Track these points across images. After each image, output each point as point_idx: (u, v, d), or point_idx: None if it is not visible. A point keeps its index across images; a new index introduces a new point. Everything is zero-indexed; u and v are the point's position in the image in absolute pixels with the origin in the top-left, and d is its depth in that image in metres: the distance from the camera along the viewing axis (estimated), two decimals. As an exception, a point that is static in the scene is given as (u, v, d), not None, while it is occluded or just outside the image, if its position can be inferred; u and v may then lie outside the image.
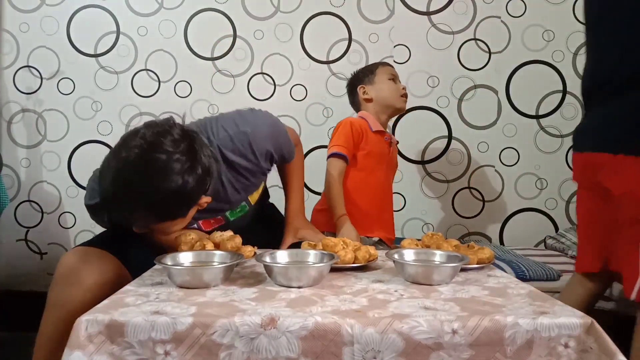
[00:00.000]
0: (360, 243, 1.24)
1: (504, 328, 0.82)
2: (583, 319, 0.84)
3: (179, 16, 2.30)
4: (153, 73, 2.31)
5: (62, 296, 1.19)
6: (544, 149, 2.35)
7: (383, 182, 1.85)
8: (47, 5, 2.29)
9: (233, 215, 1.44)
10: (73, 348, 0.80)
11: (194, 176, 1.07)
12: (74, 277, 1.22)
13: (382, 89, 1.89)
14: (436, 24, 2.30)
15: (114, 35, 2.30)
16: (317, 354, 0.80)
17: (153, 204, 1.06)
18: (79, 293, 1.18)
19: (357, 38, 2.30)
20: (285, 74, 2.32)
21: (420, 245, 1.27)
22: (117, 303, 0.89)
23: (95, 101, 2.31)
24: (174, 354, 0.80)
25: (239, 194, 1.38)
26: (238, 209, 1.44)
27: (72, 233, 2.35)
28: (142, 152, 1.04)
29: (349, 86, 1.94)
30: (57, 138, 2.32)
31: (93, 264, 1.23)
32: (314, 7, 2.30)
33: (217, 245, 1.18)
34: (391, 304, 0.91)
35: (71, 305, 1.16)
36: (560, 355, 0.83)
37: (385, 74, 1.90)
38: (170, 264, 1.04)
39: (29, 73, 2.30)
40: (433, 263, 1.13)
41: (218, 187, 1.31)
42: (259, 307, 0.87)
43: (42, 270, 2.33)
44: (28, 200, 2.33)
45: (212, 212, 1.37)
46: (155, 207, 1.07)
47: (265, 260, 1.05)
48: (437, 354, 0.81)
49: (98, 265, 1.22)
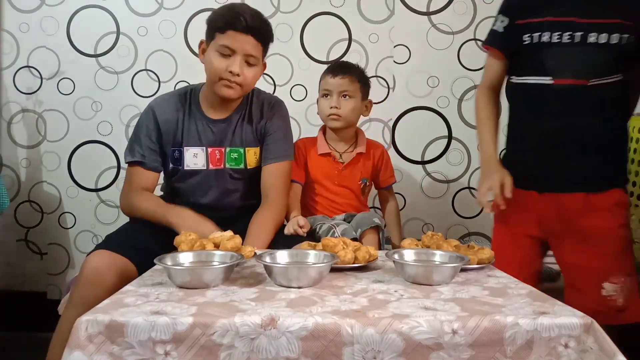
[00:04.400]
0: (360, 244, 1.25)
1: (504, 328, 0.83)
2: (583, 319, 0.84)
3: (179, 16, 2.29)
4: (153, 73, 2.31)
5: (87, 296, 1.21)
6: (544, 149, 2.35)
7: (338, 201, 1.82)
8: (47, 5, 2.28)
9: (230, 160, 1.61)
10: (73, 348, 0.80)
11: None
12: (100, 279, 1.26)
13: (319, 104, 1.83)
14: (436, 24, 2.30)
15: (114, 35, 2.30)
16: (317, 354, 0.80)
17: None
18: (104, 295, 1.20)
19: (357, 38, 2.30)
20: (285, 74, 2.32)
21: (420, 245, 1.27)
22: (117, 303, 0.89)
23: (95, 101, 2.31)
24: (174, 354, 0.80)
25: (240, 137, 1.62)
26: (235, 154, 1.60)
27: (72, 233, 2.35)
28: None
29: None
30: (57, 138, 2.32)
31: (118, 269, 1.29)
32: (314, 7, 2.30)
33: (217, 245, 1.18)
34: (391, 304, 0.91)
35: (94, 306, 1.20)
36: (560, 355, 0.83)
37: (321, 87, 1.82)
38: (170, 264, 1.04)
39: (29, 73, 2.30)
40: (433, 263, 1.13)
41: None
42: (259, 307, 0.87)
43: (42, 270, 2.33)
44: (28, 200, 2.33)
45: (220, 132, 1.61)
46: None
47: (265, 261, 1.05)
48: (437, 354, 0.81)
49: (121, 271, 1.29)
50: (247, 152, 1.62)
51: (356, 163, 1.84)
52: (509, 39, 1.40)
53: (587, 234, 1.37)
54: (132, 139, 1.62)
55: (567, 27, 1.32)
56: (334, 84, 1.77)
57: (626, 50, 1.31)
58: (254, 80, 1.56)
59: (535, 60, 1.36)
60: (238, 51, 1.49)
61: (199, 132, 1.60)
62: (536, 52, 1.35)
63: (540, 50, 1.35)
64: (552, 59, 1.33)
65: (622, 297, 1.34)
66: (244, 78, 1.50)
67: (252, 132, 1.62)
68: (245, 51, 1.49)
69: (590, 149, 1.35)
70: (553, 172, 1.39)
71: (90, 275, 1.28)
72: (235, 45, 1.48)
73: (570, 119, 1.34)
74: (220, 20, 1.50)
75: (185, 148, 1.59)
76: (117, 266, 1.30)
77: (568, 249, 1.42)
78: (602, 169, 1.38)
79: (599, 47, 1.30)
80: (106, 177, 2.33)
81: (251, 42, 1.50)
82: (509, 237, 1.49)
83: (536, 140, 1.40)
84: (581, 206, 1.37)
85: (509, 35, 1.40)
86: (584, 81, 1.32)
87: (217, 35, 1.50)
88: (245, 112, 1.63)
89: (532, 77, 1.37)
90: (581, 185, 1.37)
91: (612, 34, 1.29)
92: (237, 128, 1.62)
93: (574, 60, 1.32)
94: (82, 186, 2.33)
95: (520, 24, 1.38)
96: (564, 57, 1.32)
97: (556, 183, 1.39)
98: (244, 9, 1.53)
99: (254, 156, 1.63)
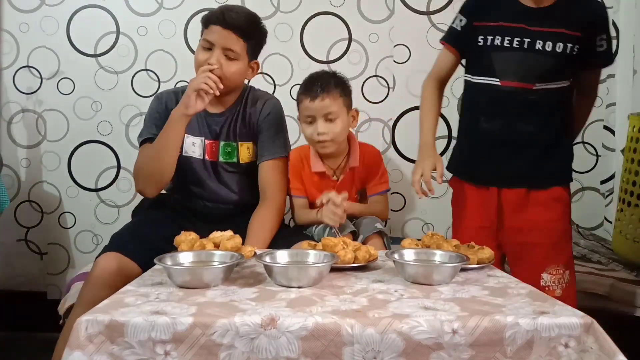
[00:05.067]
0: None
1: (504, 328, 0.83)
2: (583, 319, 0.84)
3: (179, 16, 2.29)
4: (153, 73, 2.31)
5: (97, 297, 1.21)
6: (544, 149, 2.35)
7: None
8: (47, 5, 2.28)
9: (224, 154, 1.65)
10: (73, 348, 0.80)
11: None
12: (110, 281, 1.29)
13: (303, 129, 1.76)
14: (436, 24, 2.30)
15: (114, 35, 2.30)
16: (317, 354, 0.80)
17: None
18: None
19: (357, 38, 2.30)
20: (285, 74, 2.31)
21: (420, 245, 1.28)
22: (117, 303, 0.89)
23: (95, 101, 2.31)
24: (174, 354, 0.80)
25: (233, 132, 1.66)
26: (228, 148, 1.64)
27: (72, 233, 2.35)
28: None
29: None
30: (57, 138, 2.31)
31: (127, 272, 1.32)
32: (314, 7, 2.29)
33: (217, 245, 1.18)
34: (391, 304, 0.91)
35: None
36: (560, 355, 0.83)
37: (302, 112, 1.74)
38: (170, 264, 1.04)
39: (29, 73, 2.30)
40: (433, 263, 1.13)
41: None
42: (259, 307, 0.87)
43: (42, 270, 2.33)
44: (28, 200, 2.33)
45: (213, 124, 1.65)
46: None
47: (265, 260, 1.05)
48: (437, 354, 0.81)
49: (131, 274, 1.30)
50: (240, 146, 1.66)
51: (351, 178, 1.80)
52: (465, 38, 1.48)
53: (524, 227, 1.45)
54: (143, 126, 1.68)
55: (517, 33, 1.39)
56: (316, 109, 1.68)
57: (571, 58, 1.38)
58: (235, 75, 1.59)
59: (486, 62, 1.43)
60: (217, 44, 1.54)
61: (198, 123, 1.65)
62: (488, 53, 1.42)
63: (491, 52, 1.42)
64: (501, 62, 1.40)
65: (559, 288, 1.42)
66: (222, 71, 1.53)
67: (246, 127, 1.66)
68: (224, 45, 1.54)
69: (533, 148, 1.42)
70: (497, 168, 1.47)
71: (101, 276, 1.31)
72: (214, 39, 1.54)
73: (514, 120, 1.41)
74: (208, 17, 1.58)
75: (186, 135, 1.63)
76: (127, 268, 1.34)
77: (509, 241, 1.49)
78: (544, 168, 1.44)
79: (545, 54, 1.37)
80: (106, 177, 2.33)
81: (231, 37, 1.54)
82: (464, 230, 1.54)
83: (482, 137, 1.47)
84: (522, 201, 1.45)
85: (466, 34, 1.48)
86: (530, 85, 1.39)
87: (204, 31, 1.58)
88: (240, 108, 1.67)
89: (482, 77, 1.45)
90: (523, 181, 1.45)
91: (557, 42, 1.37)
92: (232, 123, 1.66)
93: (521, 65, 1.39)
94: (82, 186, 2.33)
95: (477, 26, 1.45)
96: (512, 61, 1.40)
97: (500, 178, 1.47)
98: (233, 7, 1.62)
99: (246, 151, 1.67)
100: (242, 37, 1.56)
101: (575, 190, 2.35)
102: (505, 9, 1.42)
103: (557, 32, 1.37)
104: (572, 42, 1.37)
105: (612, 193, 2.31)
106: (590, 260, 1.90)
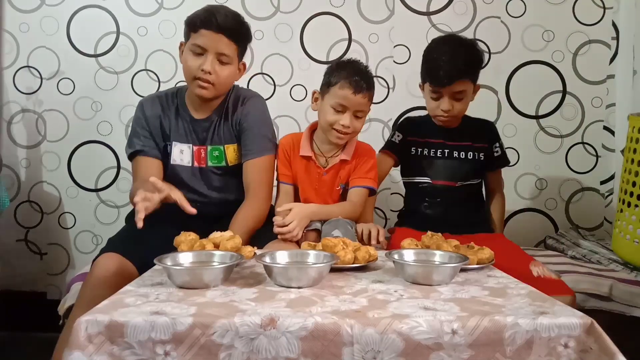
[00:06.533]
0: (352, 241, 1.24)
1: (504, 328, 0.83)
2: (583, 319, 0.84)
3: (179, 16, 2.27)
4: (153, 73, 2.31)
5: (97, 297, 1.21)
6: (544, 149, 2.35)
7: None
8: (47, 5, 2.28)
9: (212, 158, 1.65)
10: (73, 348, 0.80)
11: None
12: (111, 281, 1.28)
13: (325, 112, 1.67)
14: (436, 24, 2.30)
15: (114, 35, 2.30)
16: (317, 354, 0.80)
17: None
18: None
19: (357, 38, 2.30)
20: (285, 74, 2.31)
21: (420, 245, 1.28)
22: (117, 303, 0.89)
23: (95, 101, 2.31)
24: (173, 355, 0.80)
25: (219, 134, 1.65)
26: (216, 152, 1.65)
27: (72, 233, 2.35)
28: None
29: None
30: (57, 138, 2.31)
31: (127, 273, 1.32)
32: (314, 7, 2.29)
33: (217, 245, 1.18)
34: (391, 304, 0.91)
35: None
36: (560, 355, 0.83)
37: (335, 98, 1.64)
38: (170, 264, 1.04)
39: (29, 73, 2.30)
40: (433, 263, 1.14)
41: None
42: (259, 308, 0.87)
43: (42, 270, 2.33)
44: (28, 200, 2.33)
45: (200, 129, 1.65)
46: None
47: (265, 261, 1.05)
48: (437, 354, 0.81)
49: (130, 275, 1.30)
50: (226, 149, 1.66)
51: (338, 169, 1.74)
52: (402, 149, 1.90)
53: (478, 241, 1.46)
54: (129, 136, 1.68)
55: (439, 146, 1.85)
56: (354, 102, 1.63)
57: (480, 163, 1.86)
58: (228, 79, 1.59)
59: (419, 166, 1.86)
60: (210, 50, 1.53)
61: (185, 130, 1.65)
62: (420, 160, 1.86)
63: (422, 159, 1.86)
64: (430, 167, 1.85)
65: (553, 273, 1.51)
66: (216, 76, 1.54)
67: (229, 128, 1.66)
68: (217, 49, 1.53)
69: (461, 227, 1.73)
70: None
71: (100, 276, 1.31)
72: (206, 44, 1.52)
73: (445, 208, 1.83)
74: (195, 20, 1.56)
75: (174, 143, 1.64)
76: (126, 269, 1.34)
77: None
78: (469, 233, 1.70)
79: (461, 160, 1.84)
80: (106, 177, 2.33)
81: (223, 41, 1.54)
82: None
83: (421, 219, 1.82)
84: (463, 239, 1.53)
85: (402, 146, 1.89)
86: (453, 183, 1.84)
87: (191, 35, 1.56)
88: (224, 110, 1.66)
89: (417, 177, 1.87)
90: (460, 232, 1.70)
91: (469, 152, 1.84)
92: (217, 127, 1.66)
93: (446, 169, 1.83)
94: (82, 186, 2.33)
95: (410, 140, 1.88)
96: (438, 166, 1.84)
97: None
98: (219, 9, 1.57)
99: (233, 153, 1.67)
100: (234, 41, 1.56)
101: (575, 190, 2.35)
102: (430, 130, 1.86)
103: (466, 145, 1.84)
104: (478, 151, 1.85)
105: (612, 193, 2.31)
106: (590, 261, 1.90)
